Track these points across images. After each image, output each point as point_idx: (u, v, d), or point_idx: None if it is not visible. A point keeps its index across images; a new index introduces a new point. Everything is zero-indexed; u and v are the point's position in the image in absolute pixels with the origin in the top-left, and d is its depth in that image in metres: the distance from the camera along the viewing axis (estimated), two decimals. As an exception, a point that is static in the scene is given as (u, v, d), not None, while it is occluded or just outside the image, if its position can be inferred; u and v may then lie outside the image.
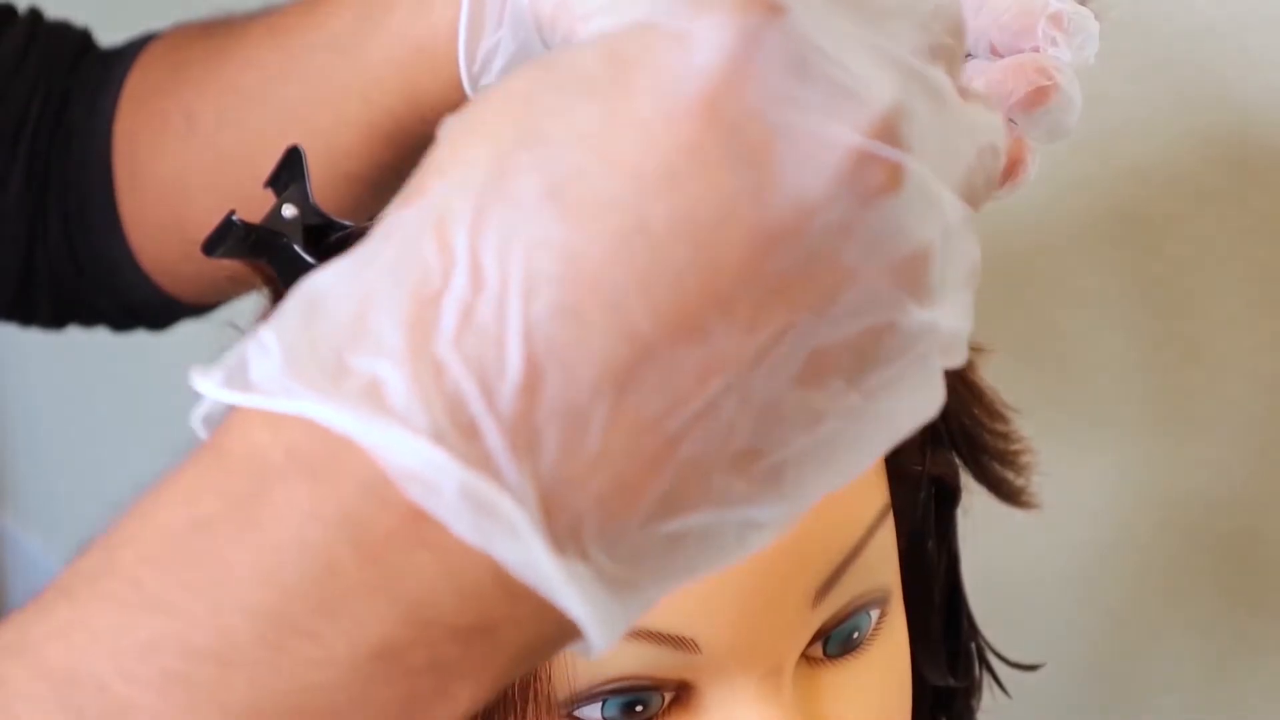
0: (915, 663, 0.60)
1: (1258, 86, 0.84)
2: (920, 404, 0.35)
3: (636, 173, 0.31)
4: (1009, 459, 0.65)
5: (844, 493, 0.53)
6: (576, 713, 0.52)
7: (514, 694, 0.52)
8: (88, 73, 0.78)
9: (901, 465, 0.58)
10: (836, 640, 0.55)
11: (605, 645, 0.33)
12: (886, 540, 0.56)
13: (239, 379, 0.32)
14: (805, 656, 0.55)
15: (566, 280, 0.31)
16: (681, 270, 0.31)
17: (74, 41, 0.80)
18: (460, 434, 0.31)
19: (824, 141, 0.31)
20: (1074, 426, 0.94)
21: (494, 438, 0.31)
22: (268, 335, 0.33)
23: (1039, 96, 0.47)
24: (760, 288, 0.31)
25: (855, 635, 0.55)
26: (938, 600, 0.66)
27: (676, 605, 0.51)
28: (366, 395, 0.31)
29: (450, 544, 0.31)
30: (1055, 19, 0.47)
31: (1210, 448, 0.91)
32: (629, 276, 0.31)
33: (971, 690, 0.70)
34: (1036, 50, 0.48)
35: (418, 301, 0.31)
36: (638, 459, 0.31)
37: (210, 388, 0.33)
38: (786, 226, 0.31)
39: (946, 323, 0.34)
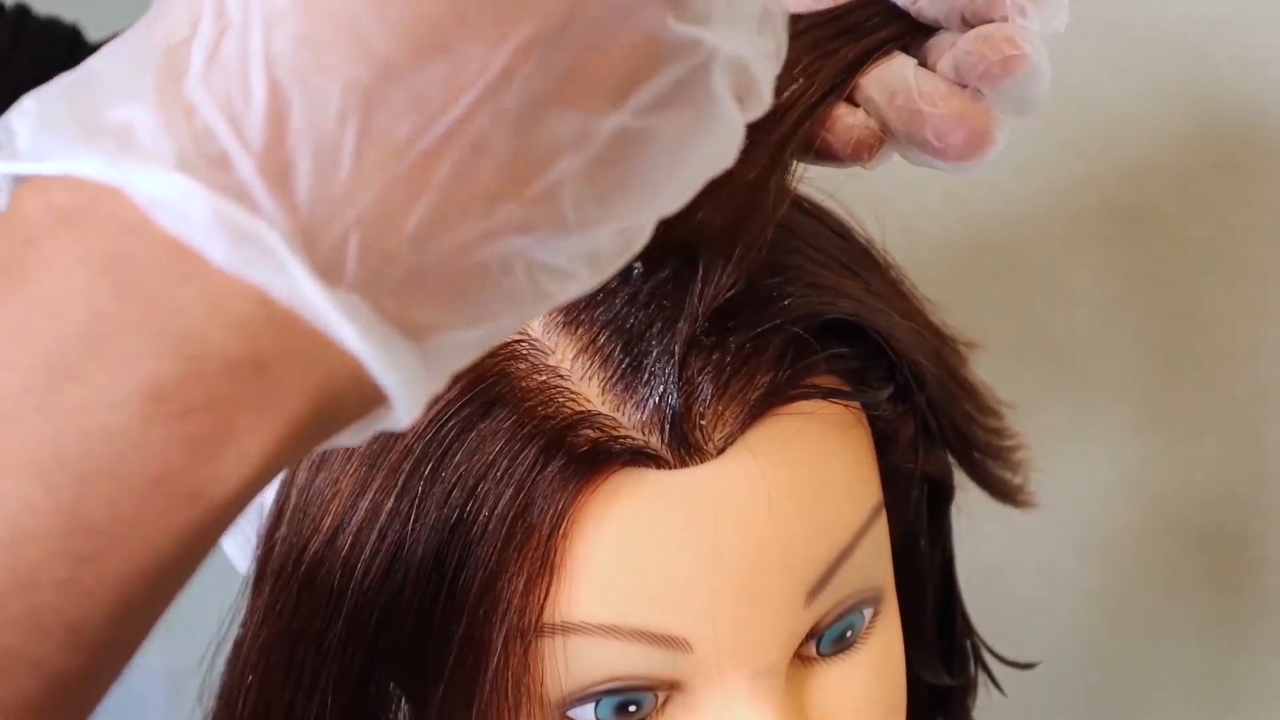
0: (910, 661, 0.60)
1: (1257, 86, 0.84)
2: (717, 138, 0.35)
3: None
4: (1003, 456, 0.65)
5: (836, 492, 0.53)
6: (570, 713, 0.53)
7: (507, 694, 0.52)
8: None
9: (894, 464, 0.58)
10: (830, 639, 0.55)
11: (406, 394, 0.33)
12: (879, 539, 0.56)
13: (7, 149, 0.33)
14: (799, 655, 0.55)
15: (302, 10, 0.31)
16: None
17: (63, 37, 0.81)
18: (210, 165, 0.31)
19: None
20: (1072, 426, 0.94)
21: (244, 166, 0.31)
22: (28, 103, 0.33)
23: (1007, 66, 0.47)
24: (494, 3, 0.31)
25: (848, 634, 0.55)
26: (932, 599, 0.66)
27: (668, 605, 0.51)
28: (118, 141, 0.31)
29: (212, 276, 0.31)
30: None
31: (1208, 448, 0.91)
32: (361, 5, 0.31)
33: (967, 689, 0.70)
34: (1006, 20, 0.48)
35: (168, 52, 0.32)
36: (394, 180, 0.31)
37: None
38: None
39: (726, 46, 0.33)
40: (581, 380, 0.51)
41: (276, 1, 0.31)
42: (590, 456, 0.50)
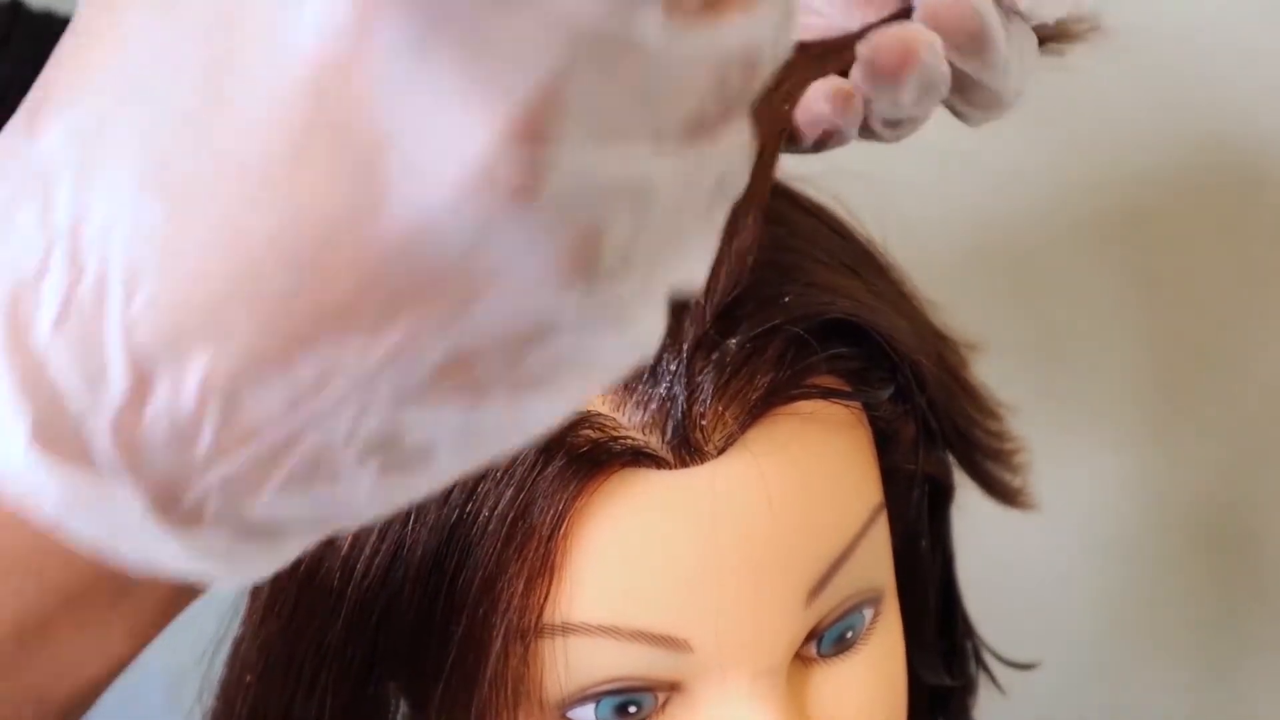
0: (910, 662, 0.60)
1: (1257, 87, 0.84)
2: (624, 358, 0.31)
3: (239, 164, 0.28)
4: (1003, 457, 0.65)
5: (837, 493, 0.53)
6: (570, 714, 0.52)
7: (507, 695, 0.52)
8: None
9: (895, 464, 0.58)
10: (830, 640, 0.55)
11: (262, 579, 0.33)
12: (880, 540, 0.56)
13: None
14: (799, 656, 0.55)
15: (167, 278, 0.28)
16: (285, 288, 0.28)
17: (58, 30, 0.81)
18: (62, 437, 0.29)
19: (443, 148, 0.27)
20: (1073, 426, 0.94)
21: (100, 438, 0.29)
22: None
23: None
24: (378, 298, 0.28)
25: (849, 634, 0.55)
26: (932, 599, 0.66)
27: (669, 606, 0.51)
28: None
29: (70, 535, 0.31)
30: None
31: (1209, 448, 0.91)
32: (230, 286, 0.28)
33: (968, 689, 0.70)
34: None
35: (18, 283, 0.29)
36: (254, 457, 0.29)
37: None
38: (403, 243, 0.27)
39: (640, 306, 0.30)
40: (582, 380, 0.51)
41: (140, 257, 0.28)
42: (590, 457, 0.50)
